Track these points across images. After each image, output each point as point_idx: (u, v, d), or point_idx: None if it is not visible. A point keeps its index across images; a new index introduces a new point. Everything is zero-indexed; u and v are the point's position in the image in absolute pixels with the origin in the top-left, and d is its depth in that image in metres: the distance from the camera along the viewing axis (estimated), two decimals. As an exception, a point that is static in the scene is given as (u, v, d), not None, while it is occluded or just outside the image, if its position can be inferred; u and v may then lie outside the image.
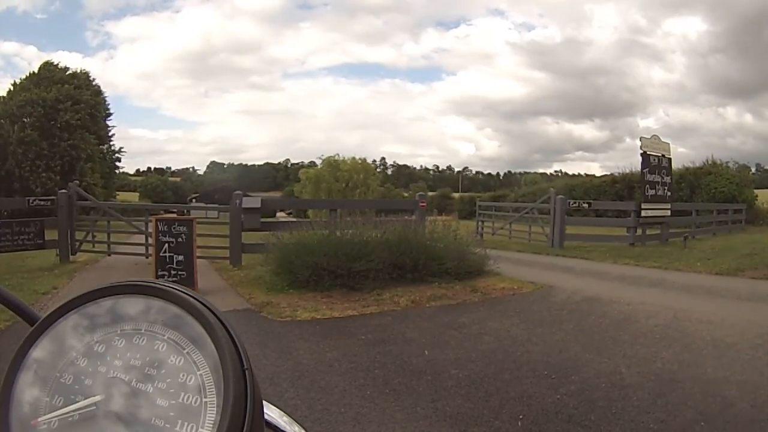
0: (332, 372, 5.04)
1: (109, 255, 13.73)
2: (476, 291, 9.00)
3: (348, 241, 9.22)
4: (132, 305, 0.60)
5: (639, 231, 16.99)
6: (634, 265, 12.79)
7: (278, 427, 0.70)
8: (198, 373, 0.55)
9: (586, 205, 19.25)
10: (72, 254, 13.07)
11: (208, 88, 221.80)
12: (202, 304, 0.59)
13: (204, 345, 0.56)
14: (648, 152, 17.21)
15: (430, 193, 56.96)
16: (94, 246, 14.28)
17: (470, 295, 8.72)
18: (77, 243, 13.63)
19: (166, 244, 10.12)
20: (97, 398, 0.55)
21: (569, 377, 4.82)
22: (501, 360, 5.41)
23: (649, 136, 17.68)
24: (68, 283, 9.73)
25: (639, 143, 17.23)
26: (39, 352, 0.59)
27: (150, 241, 11.60)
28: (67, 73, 37.41)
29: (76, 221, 13.96)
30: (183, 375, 0.55)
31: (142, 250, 13.51)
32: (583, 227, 18.75)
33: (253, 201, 12.86)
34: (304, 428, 0.75)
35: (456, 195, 64.60)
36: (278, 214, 34.11)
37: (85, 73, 38.89)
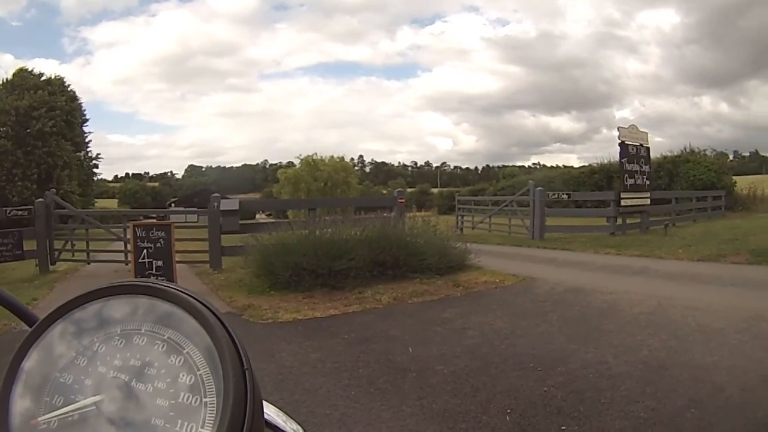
0: (316, 373, 4.94)
1: (88, 263, 13.54)
2: (458, 285, 8.95)
3: (328, 240, 9.15)
4: (132, 305, 0.60)
5: (619, 220, 17.06)
6: (615, 254, 12.87)
7: (278, 427, 0.69)
8: (198, 372, 0.54)
9: (565, 197, 19.25)
10: (51, 264, 12.80)
11: (185, 91, 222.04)
12: (202, 304, 0.59)
13: (204, 345, 0.56)
14: (626, 142, 17.30)
15: (409, 190, 57.24)
16: (73, 255, 14.06)
17: (452, 290, 8.67)
18: (56, 252, 13.38)
19: (145, 250, 10.00)
20: (97, 398, 0.55)
21: (556, 369, 4.79)
22: (486, 354, 5.35)
23: (626, 126, 17.79)
24: (48, 293, 9.48)
25: (617, 133, 17.30)
26: (39, 352, 0.60)
27: (129, 247, 11.38)
28: (42, 79, 36.80)
29: (55, 230, 13.69)
30: (183, 375, 0.55)
31: (121, 257, 13.29)
32: (563, 218, 18.91)
33: (231, 203, 12.71)
34: (303, 428, 0.74)
35: (435, 190, 65.09)
36: (257, 215, 33.88)
37: (59, 78, 38.30)
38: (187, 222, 18.50)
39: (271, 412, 0.70)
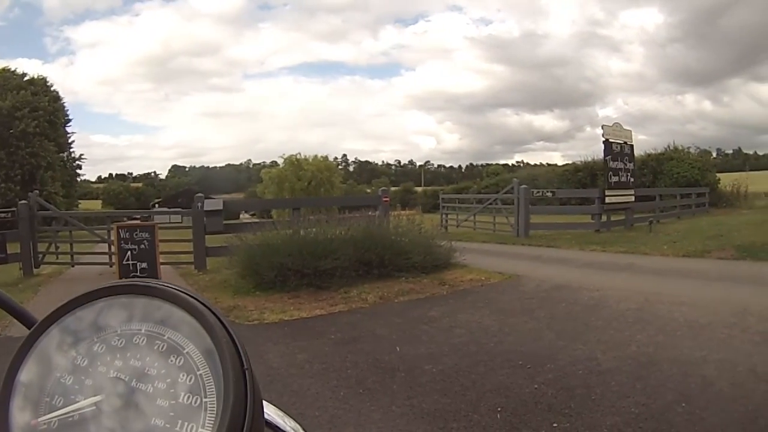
0: (304, 374, 4.88)
1: (72, 266, 13.35)
2: (444, 284, 8.94)
3: (312, 240, 9.11)
4: (132, 305, 0.60)
5: (604, 217, 17.20)
6: (600, 251, 12.94)
7: (278, 427, 0.69)
8: (198, 373, 0.54)
9: (549, 194, 19.41)
10: (36, 267, 12.63)
11: (168, 91, 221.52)
12: (202, 303, 0.58)
13: (204, 345, 0.56)
14: (610, 140, 17.44)
15: (393, 188, 57.38)
16: (57, 258, 13.83)
17: (438, 288, 8.64)
18: (40, 255, 13.21)
19: (129, 252, 9.94)
20: (97, 398, 0.55)
21: (545, 366, 4.77)
22: (474, 352, 5.32)
23: (610, 125, 17.93)
24: (33, 297, 9.29)
25: (600, 132, 17.44)
26: (38, 353, 0.59)
27: (113, 249, 11.27)
28: (25, 79, 36.29)
29: (38, 233, 13.54)
30: (183, 375, 0.54)
31: (106, 259, 13.07)
32: (548, 216, 19.05)
33: (214, 203, 12.65)
34: (303, 428, 0.75)
35: (419, 189, 65.06)
36: (242, 215, 33.76)
37: (42, 79, 37.65)
38: (171, 222, 18.44)
39: (271, 412, 0.70)
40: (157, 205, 61.46)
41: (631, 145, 18.41)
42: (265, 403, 0.64)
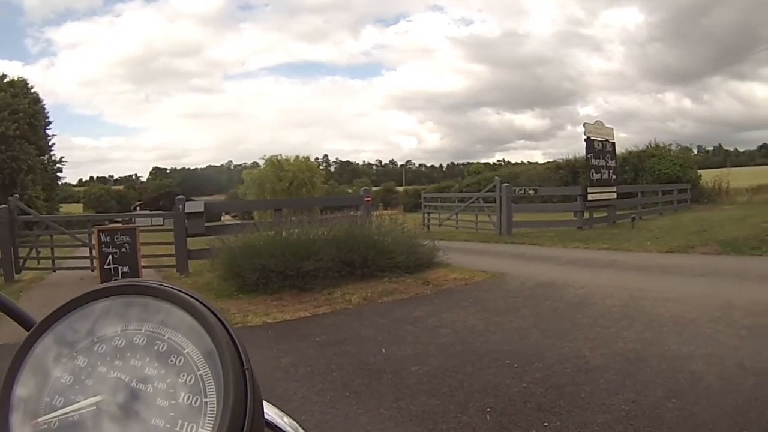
0: (289, 378, 4.80)
1: (54, 271, 13.12)
2: (428, 283, 8.90)
3: (295, 241, 9.02)
4: (132, 305, 0.60)
5: (586, 214, 17.34)
6: (584, 248, 13.01)
7: (278, 427, 0.70)
8: (198, 373, 0.54)
9: (532, 192, 19.52)
10: (17, 273, 12.32)
11: (149, 92, 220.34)
12: (202, 303, 0.59)
13: (204, 345, 0.55)
14: (592, 137, 17.56)
15: (375, 188, 57.40)
16: (39, 263, 13.59)
17: (422, 288, 8.60)
18: (21, 261, 12.95)
19: (110, 256, 9.84)
20: (97, 398, 0.55)
21: (532, 364, 4.75)
22: (461, 352, 5.28)
23: (592, 122, 18.10)
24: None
25: (581, 130, 17.60)
26: (39, 352, 0.59)
27: (95, 253, 11.11)
28: (5, 81, 35.70)
29: (19, 237, 13.25)
30: (183, 375, 0.54)
31: (87, 263, 12.80)
32: (531, 214, 19.05)
33: (195, 205, 12.50)
34: (303, 428, 0.75)
35: (400, 188, 65.03)
36: (224, 217, 33.58)
37: (22, 80, 36.90)
38: (152, 225, 18.27)
39: (271, 412, 0.70)
40: (138, 208, 61.24)
41: (613, 143, 18.54)
42: (265, 403, 0.63)
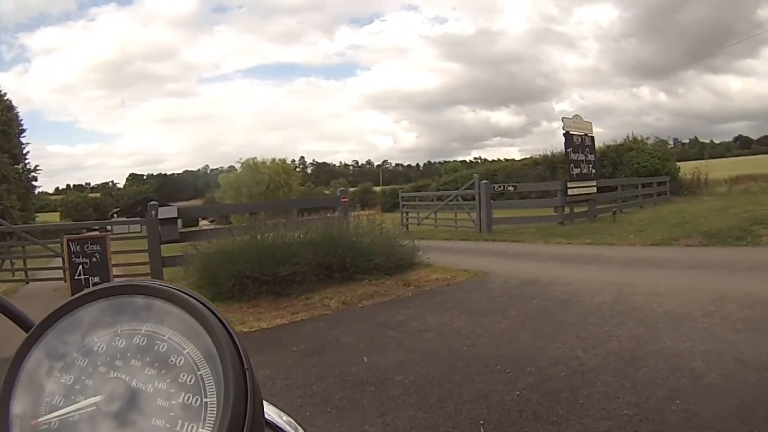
0: (265, 392, 4.37)
1: (27, 283, 12.95)
2: (409, 285, 8.67)
3: (270, 245, 8.81)
4: (132, 305, 0.60)
5: (567, 209, 17.32)
6: (566, 243, 12.94)
7: (278, 427, 0.70)
8: (198, 373, 0.54)
9: (511, 188, 19.44)
10: (-10, 285, 12.05)
11: (124, 97, 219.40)
12: (202, 304, 0.58)
13: (204, 345, 0.55)
14: (571, 131, 17.59)
15: (352, 189, 58.16)
16: (14, 275, 13.48)
17: (403, 290, 8.37)
18: (-7, 273, 12.73)
19: (81, 266, 9.59)
20: (98, 398, 0.54)
21: (524, 369, 4.53)
22: (447, 358, 5.04)
23: (570, 117, 18.12)
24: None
25: (557, 125, 17.77)
26: (39, 353, 0.59)
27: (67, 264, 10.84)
28: (-23, 89, 35.14)
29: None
30: (183, 375, 0.54)
31: (61, 274, 12.47)
32: (510, 210, 19.00)
33: (169, 211, 12.34)
34: (303, 429, 0.74)
35: (377, 188, 65.12)
36: (201, 222, 33.40)
37: (-6, 88, 36.74)
38: (130, 232, 18.05)
39: (271, 412, 0.70)
40: (115, 215, 61.28)
41: (592, 137, 18.66)
42: (265, 403, 0.64)
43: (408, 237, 11.31)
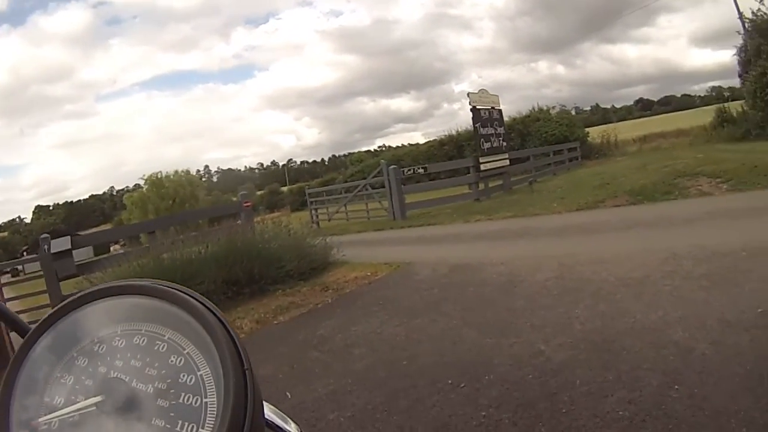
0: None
1: None
2: (327, 289, 7.79)
3: (169, 266, 7.94)
4: (132, 306, 0.61)
5: (481, 185, 17.29)
6: (487, 219, 12.56)
7: (279, 427, 0.69)
8: (198, 373, 0.55)
9: (421, 171, 19.23)
10: None
11: (22, 125, 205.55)
12: (202, 304, 0.59)
13: (204, 345, 0.56)
14: (478, 106, 17.55)
15: (259, 192, 58.02)
16: None
17: (321, 296, 7.47)
18: None
19: None
20: (98, 399, 0.56)
21: (482, 379, 3.73)
22: (386, 379, 4.14)
23: (476, 92, 18.07)
24: None
25: (462, 102, 17.94)
26: (39, 353, 0.60)
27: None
28: None
29: None
30: (183, 375, 0.55)
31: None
32: (423, 193, 18.65)
33: (61, 243, 11.01)
34: (303, 429, 0.73)
35: (285, 189, 64.90)
36: (112, 247, 31.91)
37: None
38: (34, 272, 16.82)
39: (271, 412, 0.69)
40: (25, 253, 57.63)
41: (500, 110, 18.85)
42: (265, 403, 0.63)
43: (320, 235, 10.59)
